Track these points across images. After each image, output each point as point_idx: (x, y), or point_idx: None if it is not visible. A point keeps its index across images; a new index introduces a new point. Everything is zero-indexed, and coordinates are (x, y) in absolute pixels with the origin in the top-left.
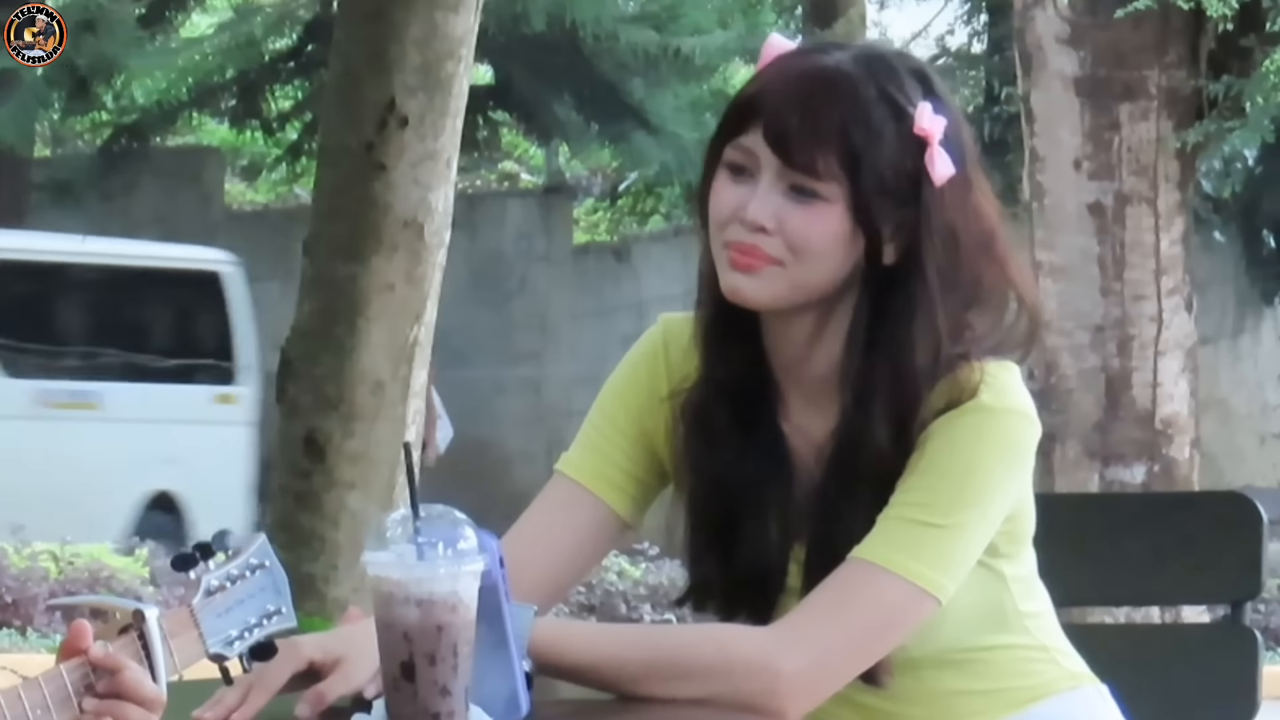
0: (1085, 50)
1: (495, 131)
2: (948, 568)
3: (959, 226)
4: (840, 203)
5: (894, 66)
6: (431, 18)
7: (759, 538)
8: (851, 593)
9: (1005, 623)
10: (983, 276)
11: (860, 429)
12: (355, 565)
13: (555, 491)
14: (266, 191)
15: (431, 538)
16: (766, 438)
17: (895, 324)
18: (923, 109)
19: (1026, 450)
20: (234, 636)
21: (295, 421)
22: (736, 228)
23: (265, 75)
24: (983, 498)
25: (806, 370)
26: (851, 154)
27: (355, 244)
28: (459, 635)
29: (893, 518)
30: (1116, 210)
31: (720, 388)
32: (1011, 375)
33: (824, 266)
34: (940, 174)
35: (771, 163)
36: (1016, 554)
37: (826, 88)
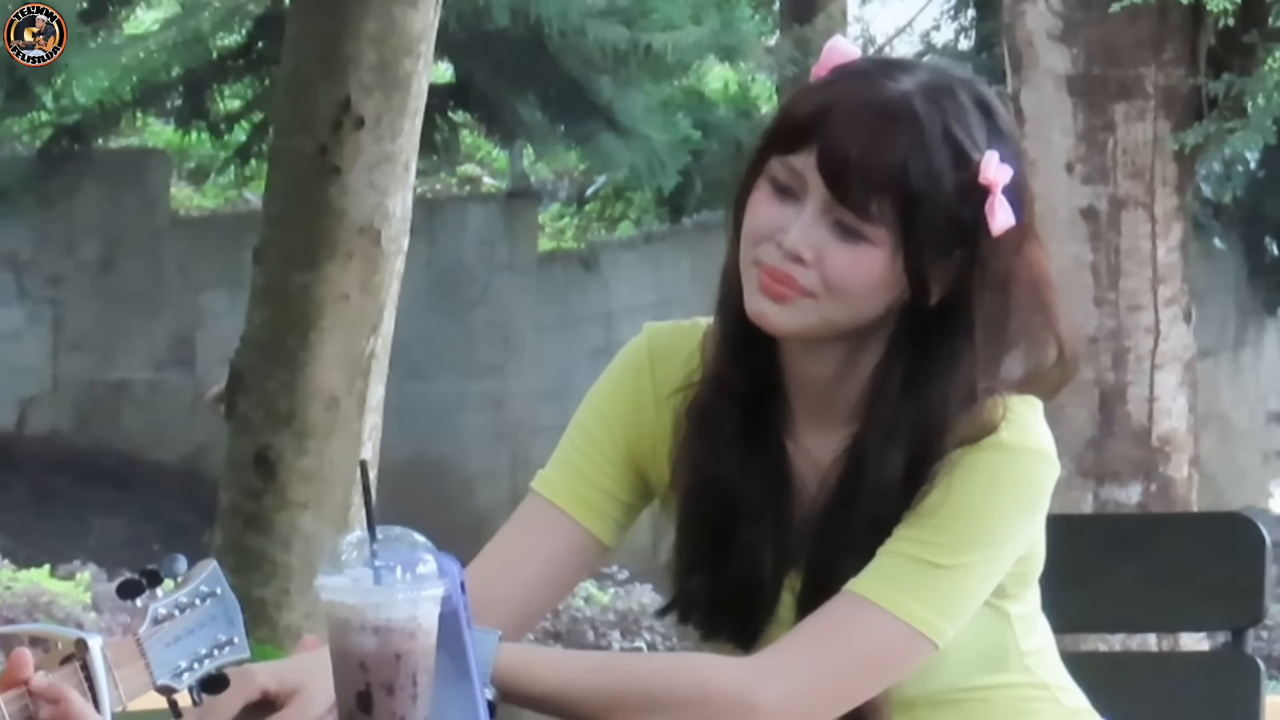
0: (1078, 47)
1: (456, 133)
2: (948, 612)
3: (1011, 275)
4: (887, 247)
5: (961, 101)
6: (389, 13)
7: (752, 557)
8: (841, 628)
9: (1006, 662)
10: (1028, 325)
11: (875, 465)
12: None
13: (530, 513)
14: (214, 196)
15: (389, 561)
16: (770, 453)
17: (931, 367)
18: (989, 159)
19: (1044, 492)
20: (183, 667)
21: (245, 438)
22: (772, 249)
23: (213, 73)
24: (993, 540)
25: (824, 396)
26: (908, 200)
27: (308, 251)
28: (418, 664)
29: (894, 553)
30: (1111, 216)
31: (730, 392)
32: (1034, 412)
33: (859, 306)
34: (1000, 225)
35: (820, 193)
36: (1022, 594)
37: (892, 125)
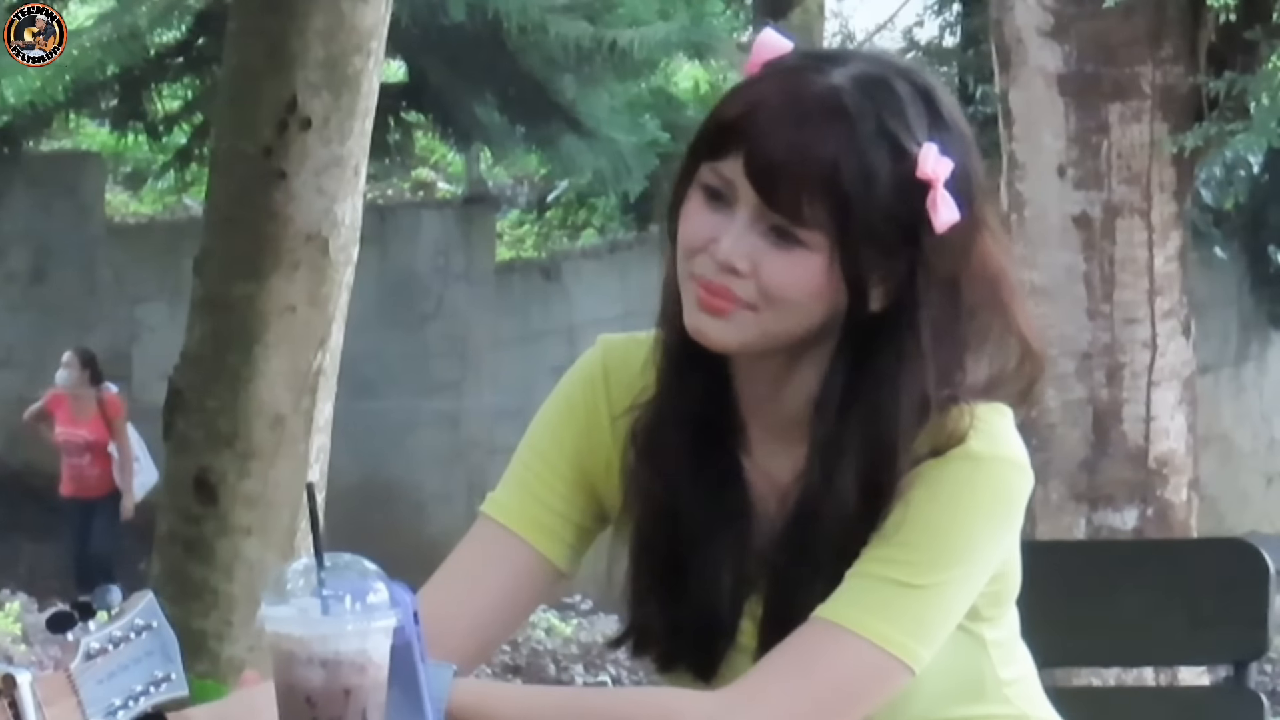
0: (1070, 44)
1: (409, 135)
2: (923, 634)
3: (960, 274)
4: (824, 251)
5: (897, 91)
6: (337, 8)
7: (709, 584)
8: (814, 658)
9: (983, 692)
10: (983, 324)
11: (826, 481)
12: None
13: (481, 537)
14: (152, 202)
15: (338, 590)
16: (724, 473)
17: (878, 375)
18: (927, 151)
19: (1017, 504)
20: (117, 705)
21: (184, 459)
22: (706, 261)
23: (151, 72)
24: (967, 556)
25: (774, 411)
26: (841, 200)
27: (252, 261)
28: (369, 699)
29: (864, 574)
30: (1105, 223)
31: (677, 412)
32: (1004, 419)
33: (799, 315)
34: (943, 221)
35: (751, 199)
36: (999, 617)
37: (819, 120)
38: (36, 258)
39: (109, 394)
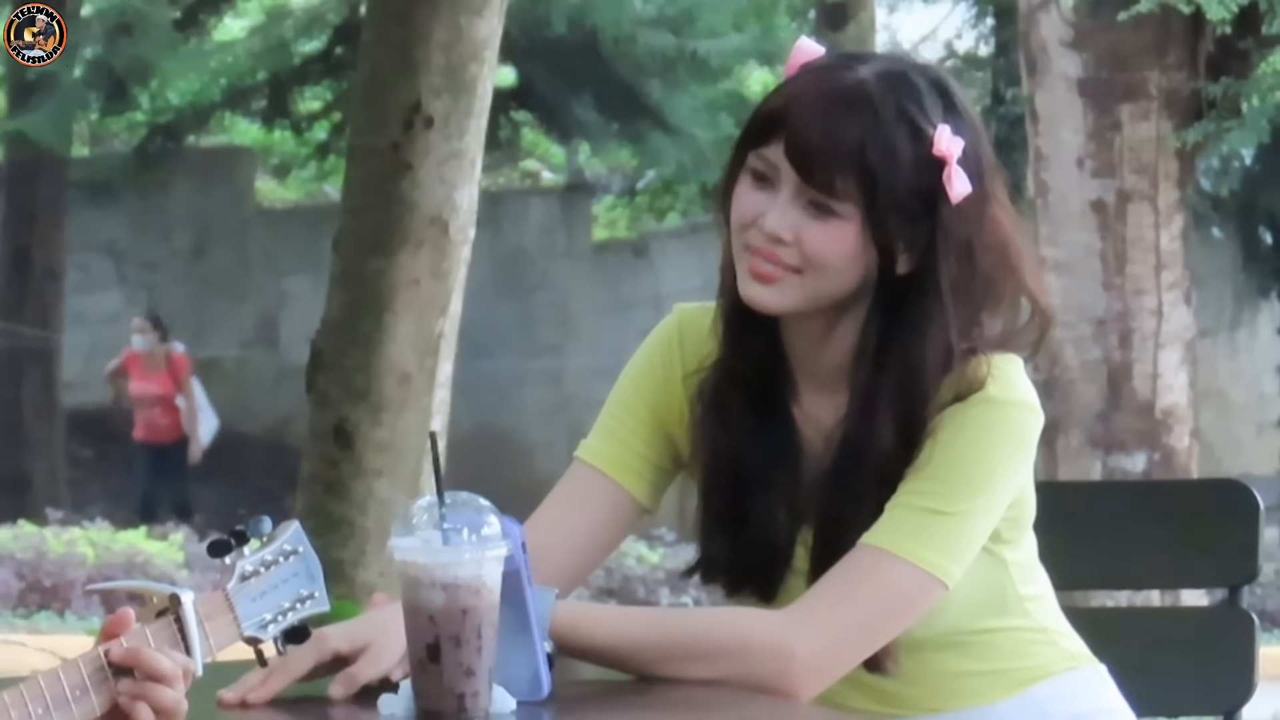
0: (1088, 53)
1: (518, 131)
2: (955, 554)
3: (974, 240)
4: (856, 220)
5: (915, 84)
6: (456, 21)
7: (767, 518)
8: (862, 578)
9: (1006, 606)
10: (997, 284)
11: (867, 424)
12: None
13: (575, 478)
14: (296, 189)
15: (456, 524)
16: (778, 422)
17: (907, 330)
18: (941, 131)
19: (1030, 440)
20: (268, 620)
21: (325, 412)
22: (756, 233)
23: (295, 77)
24: (989, 486)
25: (819, 364)
26: (868, 175)
27: (382, 240)
28: (483, 618)
29: (902, 505)
30: (1118, 207)
31: (736, 372)
32: (1016, 368)
33: (838, 278)
34: (957, 193)
35: (791, 178)
36: (1018, 540)
37: (847, 109)
38: (197, 238)
39: (177, 353)
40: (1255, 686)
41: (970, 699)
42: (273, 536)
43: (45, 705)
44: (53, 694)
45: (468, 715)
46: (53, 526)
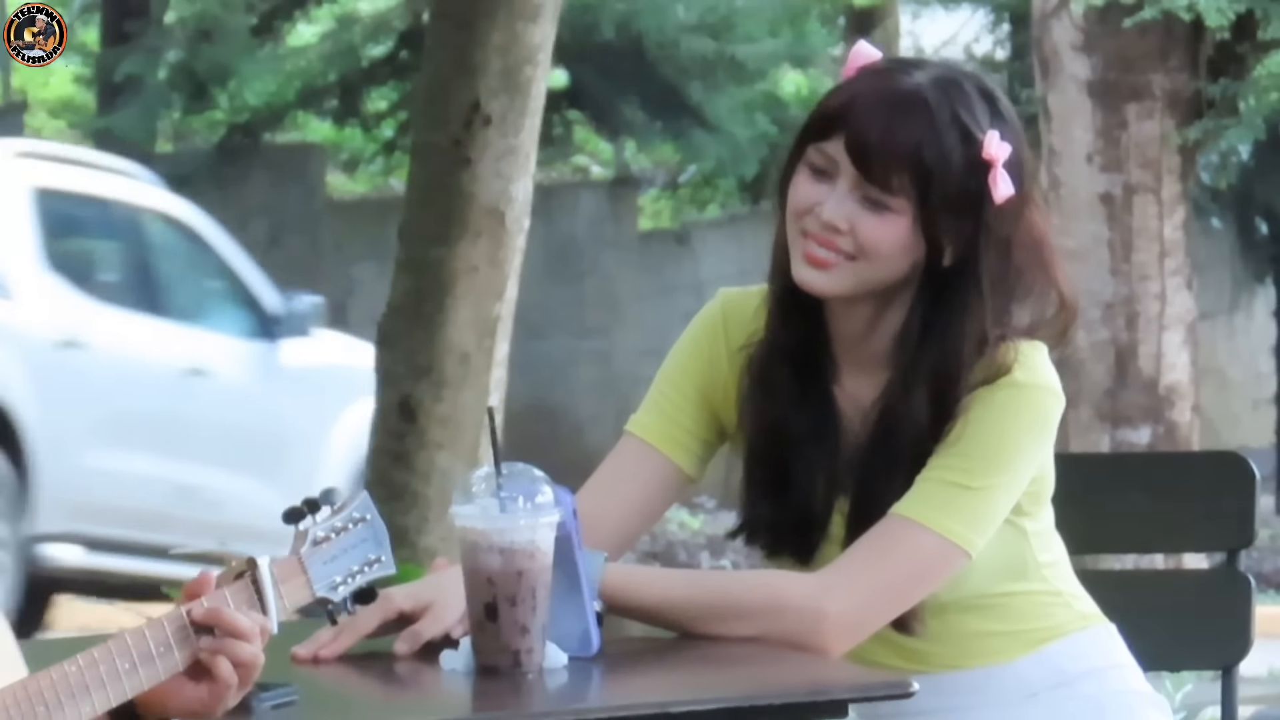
0: (1097, 56)
1: (569, 129)
2: (979, 526)
3: (1013, 238)
4: (908, 215)
5: (966, 91)
6: (512, 27)
7: (806, 487)
8: (892, 546)
9: (1025, 572)
10: (1030, 278)
11: (904, 401)
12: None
13: (625, 450)
14: (364, 183)
15: (512, 493)
16: (819, 398)
17: (947, 317)
18: (990, 137)
19: (1051, 423)
20: (338, 582)
21: (391, 389)
22: (812, 220)
23: (363, 79)
24: (1012, 464)
25: (862, 346)
26: (922, 174)
27: (444, 230)
28: (537, 579)
29: (931, 479)
30: (1124, 200)
31: (783, 350)
32: (1041, 355)
33: (887, 267)
34: (1001, 194)
35: (849, 172)
36: (1037, 512)
37: (905, 111)
38: (272, 228)
39: None
40: (1252, 643)
41: (991, 657)
42: (343, 505)
43: (132, 661)
44: (139, 650)
45: (523, 670)
46: None
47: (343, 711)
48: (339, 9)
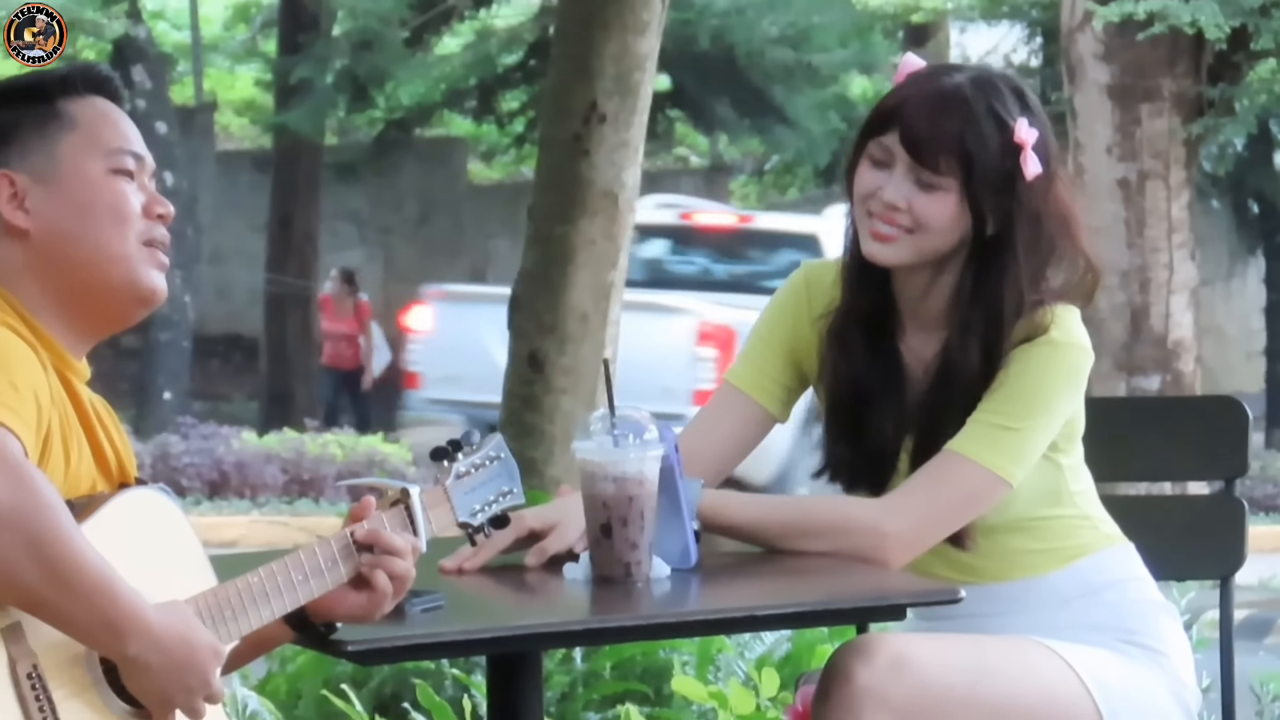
0: (1115, 64)
1: (671, 125)
2: (1019, 460)
3: (1042, 211)
4: (955, 192)
5: (999, 88)
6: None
7: (878, 430)
8: (945, 477)
9: (1059, 499)
10: (1059, 246)
11: (959, 354)
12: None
13: (721, 395)
14: (499, 170)
15: (624, 431)
16: (888, 354)
17: (991, 280)
18: (1020, 124)
19: (1082, 375)
20: (477, 509)
21: (522, 343)
22: (876, 202)
23: (499, 82)
24: (1048, 409)
25: (922, 308)
26: (965, 157)
27: (566, 210)
28: (645, 503)
29: (979, 421)
30: (1138, 185)
31: (856, 316)
32: (1074, 316)
33: (940, 238)
34: (1031, 172)
35: (904, 159)
36: (1070, 449)
37: (949, 106)
38: (422, 209)
39: (362, 301)
40: (1245, 558)
41: (1029, 570)
42: (480, 445)
43: (305, 573)
44: (310, 565)
45: (633, 580)
46: (310, 433)
47: (481, 614)
48: (479, 23)
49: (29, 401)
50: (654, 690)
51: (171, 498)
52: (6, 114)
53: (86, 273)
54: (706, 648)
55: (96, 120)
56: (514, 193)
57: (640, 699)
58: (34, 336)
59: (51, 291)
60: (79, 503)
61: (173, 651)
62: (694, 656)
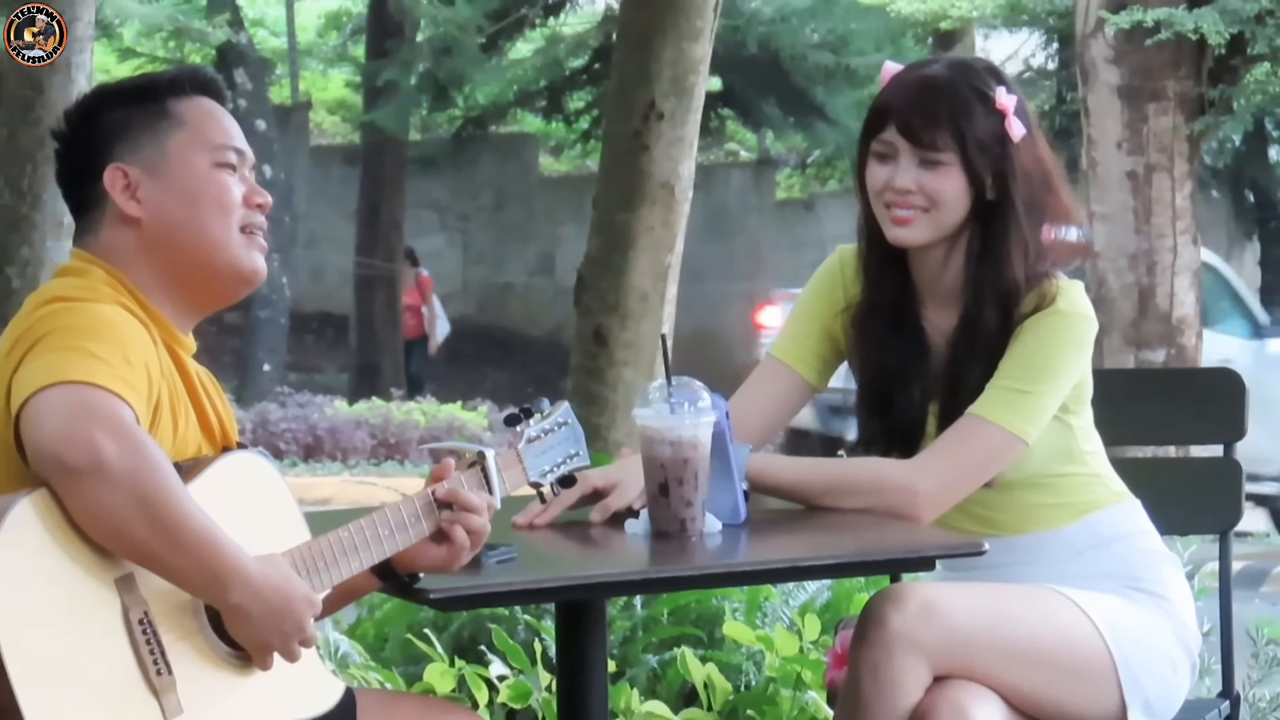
0: (1125, 67)
1: (723, 122)
2: (1034, 420)
3: (1031, 169)
4: (956, 165)
5: (974, 67)
6: (680, 45)
7: (906, 402)
8: (966, 437)
9: (1072, 458)
10: (1047, 201)
11: (976, 317)
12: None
13: (765, 367)
14: (567, 163)
15: (679, 399)
16: (911, 331)
17: (997, 240)
18: (999, 91)
19: (1087, 341)
20: (546, 470)
21: (587, 320)
22: (890, 193)
23: (566, 84)
24: (1058, 374)
25: (940, 283)
26: (958, 131)
27: (627, 199)
28: (699, 465)
29: (997, 386)
30: (1145, 176)
31: (877, 306)
32: (1078, 289)
33: (951, 210)
34: (1016, 134)
35: (905, 147)
36: (1080, 411)
37: (934, 89)
38: (497, 198)
39: (423, 276)
40: (1242, 514)
41: (1046, 524)
42: (549, 412)
43: (390, 528)
44: (395, 520)
45: (688, 534)
46: (395, 401)
47: (550, 566)
48: (548, 31)
49: (140, 374)
50: (707, 634)
51: (269, 460)
52: (119, 112)
53: (193, 256)
54: (754, 595)
55: (202, 119)
56: (580, 184)
57: (694, 642)
58: (145, 314)
59: (161, 273)
60: (186, 465)
61: (271, 600)
62: (743, 604)
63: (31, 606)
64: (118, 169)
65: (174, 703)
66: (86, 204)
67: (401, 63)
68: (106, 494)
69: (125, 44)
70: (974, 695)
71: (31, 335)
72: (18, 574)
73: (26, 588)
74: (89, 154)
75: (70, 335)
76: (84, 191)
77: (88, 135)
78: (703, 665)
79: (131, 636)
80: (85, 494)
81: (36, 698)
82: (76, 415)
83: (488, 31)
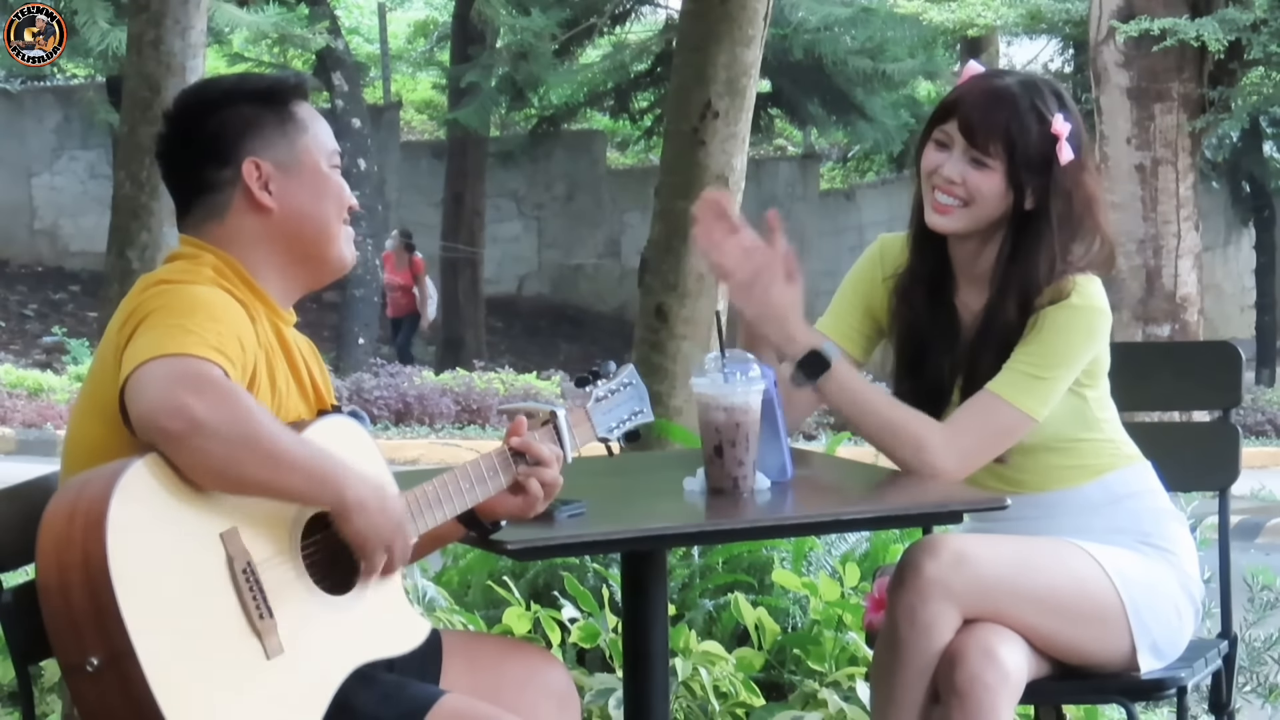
0: (1134, 70)
1: (771, 121)
2: (1044, 402)
3: (1072, 192)
4: (1000, 171)
5: (1042, 89)
6: (734, 50)
7: (936, 370)
8: (982, 412)
9: (1088, 424)
10: (1084, 222)
11: (1000, 309)
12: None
13: None
14: (632, 158)
15: (733, 369)
16: (945, 307)
17: (1029, 247)
18: (1057, 118)
19: (1098, 332)
20: (613, 427)
21: (650, 298)
22: (938, 177)
23: (632, 86)
24: (1068, 361)
25: (973, 269)
26: (1010, 143)
27: (686, 189)
28: (750, 429)
29: (1013, 368)
30: (1152, 169)
31: (919, 276)
32: (1093, 283)
33: (989, 208)
34: (1064, 158)
35: (961, 142)
36: (1094, 385)
37: (999, 100)
38: (569, 189)
39: (416, 257)
40: (1239, 473)
41: (1064, 483)
42: (616, 374)
43: (471, 481)
44: (475, 474)
45: (740, 491)
46: (477, 371)
47: (616, 519)
48: (615, 38)
49: (232, 343)
50: (757, 581)
51: (364, 422)
52: (249, 109)
53: (310, 245)
54: (800, 546)
55: (317, 124)
56: (644, 176)
57: (746, 588)
58: (249, 293)
59: (276, 257)
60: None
61: (380, 491)
62: (790, 553)
63: (145, 558)
64: (252, 162)
65: (275, 644)
66: (207, 189)
67: (483, 67)
68: (210, 446)
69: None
70: (1001, 637)
71: (138, 315)
72: (135, 526)
73: (143, 538)
74: (217, 145)
75: (168, 314)
76: (205, 178)
77: (215, 127)
78: (754, 609)
79: (235, 584)
80: (191, 452)
81: (150, 645)
82: (168, 385)
83: (561, 38)
